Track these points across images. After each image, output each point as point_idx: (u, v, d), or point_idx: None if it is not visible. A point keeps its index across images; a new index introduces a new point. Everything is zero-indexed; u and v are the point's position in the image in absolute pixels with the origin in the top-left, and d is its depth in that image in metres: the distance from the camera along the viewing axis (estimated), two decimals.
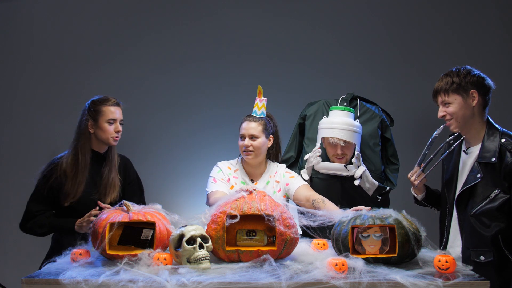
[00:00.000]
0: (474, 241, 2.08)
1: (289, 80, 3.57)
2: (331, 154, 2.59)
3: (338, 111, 2.61)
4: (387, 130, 2.78)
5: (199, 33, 3.62)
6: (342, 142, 2.52)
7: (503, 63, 3.49)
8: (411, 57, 3.58)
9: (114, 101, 2.48)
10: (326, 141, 2.57)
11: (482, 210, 2.06)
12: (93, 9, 3.65)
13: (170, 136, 3.56)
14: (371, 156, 2.69)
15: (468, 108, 2.12)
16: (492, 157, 2.06)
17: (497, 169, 2.05)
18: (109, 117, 2.42)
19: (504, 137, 2.09)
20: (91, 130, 2.43)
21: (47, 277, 1.64)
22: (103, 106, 2.43)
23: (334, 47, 3.60)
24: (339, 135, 2.51)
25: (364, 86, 3.42)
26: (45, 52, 3.64)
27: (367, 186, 2.59)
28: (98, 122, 2.42)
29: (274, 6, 3.62)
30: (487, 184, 2.06)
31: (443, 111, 2.17)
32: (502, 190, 2.03)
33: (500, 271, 2.02)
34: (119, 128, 2.46)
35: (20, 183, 3.53)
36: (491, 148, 2.08)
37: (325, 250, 2.04)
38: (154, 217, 1.90)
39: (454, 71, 2.17)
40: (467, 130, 2.17)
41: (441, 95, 2.16)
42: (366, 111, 2.75)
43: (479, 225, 2.06)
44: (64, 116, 3.55)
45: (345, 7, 3.61)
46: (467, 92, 2.12)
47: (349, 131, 2.53)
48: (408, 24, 3.60)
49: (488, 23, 3.55)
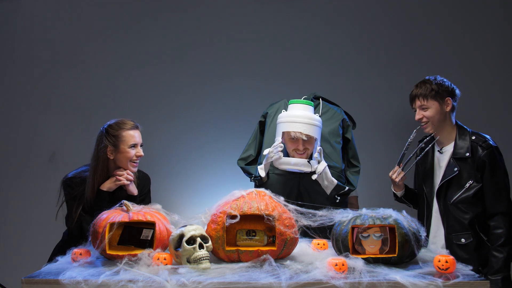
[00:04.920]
0: (455, 226, 2.41)
1: (293, 83, 3.56)
2: (291, 149, 2.47)
3: (298, 105, 2.49)
4: (348, 130, 2.71)
5: (205, 36, 3.62)
6: (305, 137, 2.42)
7: (504, 64, 3.50)
8: (420, 58, 3.57)
9: (133, 124, 2.37)
10: (287, 136, 2.45)
11: (460, 199, 2.40)
12: (93, 9, 3.65)
13: (169, 134, 3.56)
14: (331, 153, 2.60)
15: (442, 112, 2.47)
16: (466, 152, 2.41)
17: (470, 163, 2.40)
18: (131, 142, 2.32)
19: (474, 135, 2.45)
20: (110, 157, 2.32)
21: (47, 277, 1.64)
22: (123, 131, 2.32)
23: (342, 49, 3.60)
24: (302, 129, 2.40)
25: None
26: (45, 52, 3.64)
27: (325, 183, 2.50)
28: (119, 148, 2.31)
29: (273, 6, 3.62)
30: (462, 176, 2.40)
31: (420, 114, 2.49)
32: (475, 180, 2.38)
33: (478, 250, 2.37)
34: (140, 152, 2.36)
35: (20, 183, 3.56)
36: (463, 145, 2.43)
37: (325, 250, 2.04)
38: (154, 217, 1.90)
39: (431, 79, 2.50)
40: (439, 131, 2.50)
41: (420, 99, 2.48)
42: (328, 111, 2.68)
43: (458, 212, 2.40)
44: (64, 117, 3.56)
45: (353, 8, 3.61)
46: (443, 99, 2.47)
47: (311, 125, 2.43)
48: (415, 23, 3.59)
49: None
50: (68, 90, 3.60)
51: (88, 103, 3.56)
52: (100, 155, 2.32)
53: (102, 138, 2.33)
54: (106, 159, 2.33)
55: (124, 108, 3.52)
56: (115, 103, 3.53)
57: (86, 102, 3.56)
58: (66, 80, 3.61)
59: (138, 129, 2.39)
